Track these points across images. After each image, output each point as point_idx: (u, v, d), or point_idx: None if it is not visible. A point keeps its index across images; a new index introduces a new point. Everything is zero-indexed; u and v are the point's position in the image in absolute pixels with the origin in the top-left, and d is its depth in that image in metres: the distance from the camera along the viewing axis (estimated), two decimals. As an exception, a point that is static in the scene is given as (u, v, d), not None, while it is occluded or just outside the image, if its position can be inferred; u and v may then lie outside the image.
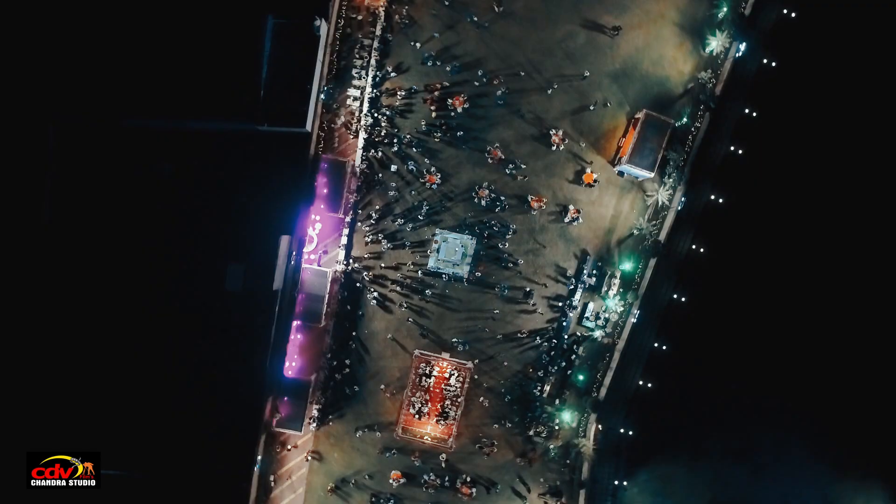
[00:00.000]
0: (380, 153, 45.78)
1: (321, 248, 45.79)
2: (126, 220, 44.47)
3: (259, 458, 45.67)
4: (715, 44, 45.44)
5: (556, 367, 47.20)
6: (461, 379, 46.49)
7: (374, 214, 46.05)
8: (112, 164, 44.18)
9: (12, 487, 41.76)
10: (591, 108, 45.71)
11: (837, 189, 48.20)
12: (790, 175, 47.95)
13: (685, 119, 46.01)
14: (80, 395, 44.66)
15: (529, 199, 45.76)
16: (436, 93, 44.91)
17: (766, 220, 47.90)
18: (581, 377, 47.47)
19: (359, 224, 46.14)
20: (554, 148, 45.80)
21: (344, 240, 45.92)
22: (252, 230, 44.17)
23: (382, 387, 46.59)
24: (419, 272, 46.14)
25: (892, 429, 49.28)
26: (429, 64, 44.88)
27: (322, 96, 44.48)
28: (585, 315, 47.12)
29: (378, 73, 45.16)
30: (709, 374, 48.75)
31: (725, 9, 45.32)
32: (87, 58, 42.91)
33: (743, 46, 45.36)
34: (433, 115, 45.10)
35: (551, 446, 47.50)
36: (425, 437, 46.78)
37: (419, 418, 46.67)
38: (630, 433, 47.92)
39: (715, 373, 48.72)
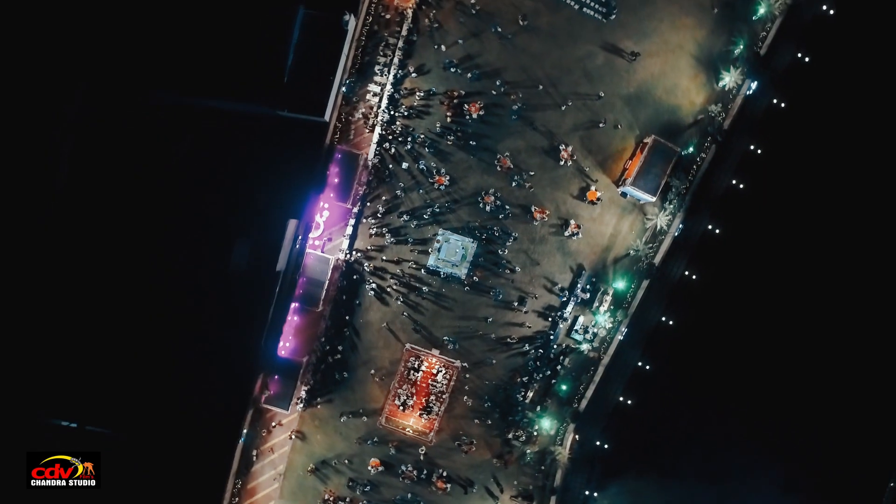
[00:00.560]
0: (393, 149, 47.05)
1: (326, 235, 47.06)
2: (140, 191, 45.48)
3: (245, 431, 46.91)
4: (728, 79, 46.77)
5: (541, 375, 48.52)
6: (448, 376, 47.81)
7: (381, 208, 47.32)
8: (133, 134, 45.21)
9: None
10: (602, 125, 47.00)
11: (831, 235, 49.64)
12: (787, 214, 49.41)
13: (692, 148, 47.35)
14: (80, 359, 45.71)
15: (533, 210, 47.06)
16: (454, 99, 46.15)
17: (759, 253, 49.32)
18: (564, 387, 48.81)
19: (365, 216, 47.38)
20: (562, 163, 47.11)
21: (349, 229, 47.18)
22: (262, 211, 45.38)
23: (373, 371, 47.79)
24: (419, 269, 47.42)
25: (862, 467, 50.79)
26: (450, 70, 46.15)
27: (343, 89, 45.74)
28: (575, 328, 48.45)
29: (400, 71, 46.42)
30: (689, 397, 50.22)
31: (742, 46, 46.70)
32: (124, 27, 43.99)
33: (755, 84, 46.76)
34: (448, 119, 46.37)
35: (528, 451, 48.81)
36: (407, 429, 48.10)
37: (403, 410, 47.99)
38: (606, 446, 49.34)
39: (695, 397, 50.19)
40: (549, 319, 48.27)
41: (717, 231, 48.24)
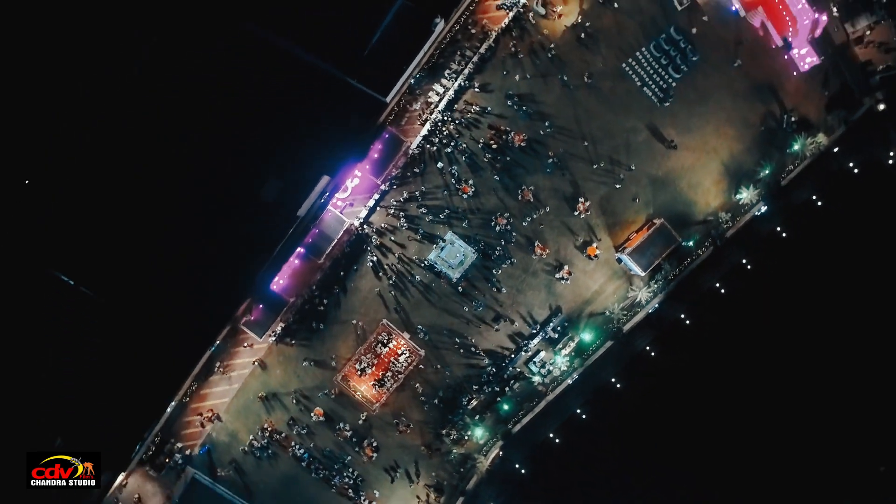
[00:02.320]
0: (435, 147, 50.94)
1: (350, 199, 51.02)
2: (206, 103, 49.29)
3: (217, 343, 50.92)
4: (745, 195, 50.94)
5: (489, 389, 52.72)
6: (409, 360, 51.97)
7: (405, 194, 51.25)
8: (214, 56, 49.04)
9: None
10: (618, 186, 50.83)
11: (782, 364, 54.38)
12: (753, 329, 53.87)
13: (692, 243, 51.56)
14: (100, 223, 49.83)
15: (535, 245, 51.19)
16: (501, 135, 49.96)
17: (716, 354, 53.75)
18: (506, 407, 53.04)
19: (389, 196, 51.30)
20: (577, 213, 51.22)
21: (371, 202, 51.11)
22: (303, 159, 49.38)
23: (354, 321, 51.45)
24: (418, 259, 51.44)
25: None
26: (507, 102, 49.99)
27: (412, 80, 49.60)
28: (534, 359, 52.62)
29: (465, 82, 50.25)
30: (612, 454, 54.88)
31: (767, 171, 50.95)
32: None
33: (766, 208, 50.97)
34: (491, 140, 50.27)
35: (455, 450, 53.04)
36: (358, 393, 52.26)
37: (360, 375, 52.11)
38: (523, 471, 53.66)
39: (617, 456, 54.87)
40: (515, 344, 52.46)
41: (688, 322, 52.50)
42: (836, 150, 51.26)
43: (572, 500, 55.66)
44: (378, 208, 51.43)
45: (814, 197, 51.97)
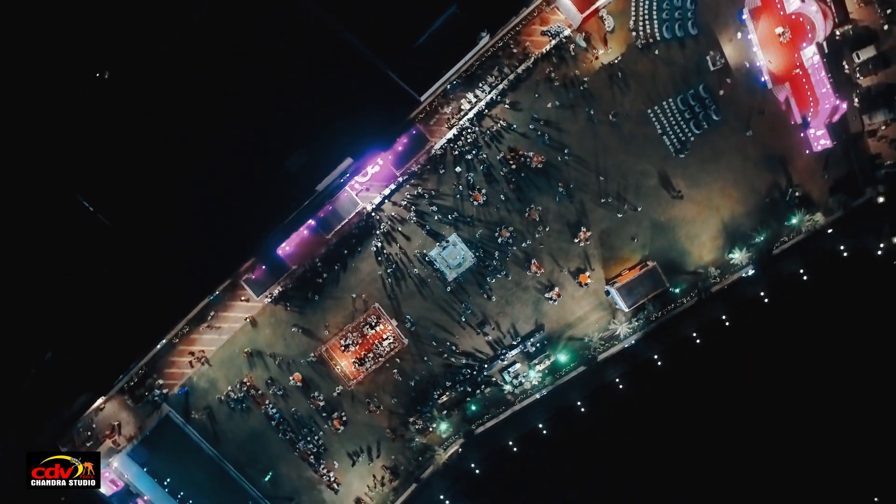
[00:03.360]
0: (456, 152, 53.29)
1: (367, 184, 53.33)
2: (250, 68, 51.85)
3: (216, 293, 53.29)
4: (737, 256, 53.49)
5: (461, 388, 55.26)
6: (392, 346, 54.46)
7: (419, 190, 53.66)
8: (272, 25, 51.43)
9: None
10: (620, 221, 53.19)
11: (746, 420, 57.11)
12: (719, 384, 56.46)
13: (678, 290, 54.12)
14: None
15: (532, 262, 53.67)
16: (519, 156, 52.40)
17: (679, 397, 56.53)
18: (474, 408, 55.59)
19: (404, 188, 53.69)
20: (576, 241, 53.70)
21: (387, 191, 53.46)
22: (331, 138, 51.79)
23: (354, 295, 53.91)
24: (420, 253, 53.85)
25: None
26: (531, 126, 52.39)
27: (448, 85, 51.94)
28: (509, 369, 55.19)
29: (497, 97, 52.60)
30: (565, 470, 57.56)
31: (762, 238, 53.50)
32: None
33: (753, 272, 53.50)
34: (510, 157, 52.66)
35: (417, 439, 55.59)
36: (337, 367, 54.73)
37: (343, 351, 54.57)
38: (477, 472, 56.25)
39: (570, 472, 57.70)
40: (494, 351, 55.01)
41: (659, 364, 55.05)
42: (830, 231, 53.82)
43: (518, 507, 58.38)
44: (392, 198, 53.75)
45: (801, 271, 54.53)
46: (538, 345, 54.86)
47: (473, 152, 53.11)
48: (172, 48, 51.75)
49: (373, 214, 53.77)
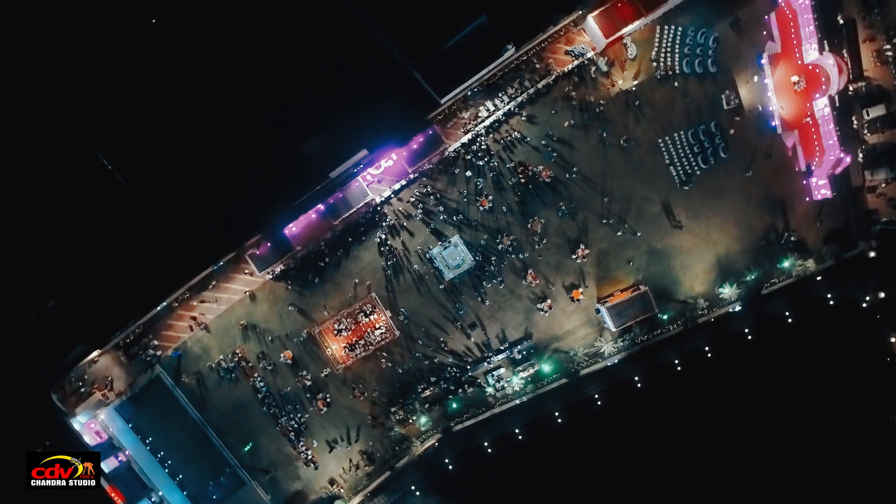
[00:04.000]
0: (469, 156, 54.76)
1: (379, 177, 54.76)
2: (277, 49, 53.39)
3: (220, 263, 54.77)
4: (727, 291, 55.06)
5: (445, 385, 56.81)
6: (383, 336, 55.98)
7: (428, 188, 55.12)
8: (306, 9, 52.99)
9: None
10: (619, 242, 54.69)
11: (716, 451, 58.64)
12: (693, 413, 58.05)
13: (666, 317, 55.69)
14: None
15: (528, 272, 55.21)
16: (528, 169, 53.90)
17: (656, 419, 58.10)
18: (455, 406, 57.17)
19: (415, 186, 55.15)
20: (574, 256, 55.23)
21: (397, 186, 54.95)
22: (350, 128, 53.31)
23: (356, 281, 55.40)
24: (421, 250, 55.34)
25: None
26: (542, 141, 53.85)
27: (469, 91, 53.40)
28: (493, 373, 56.73)
29: (515, 109, 54.08)
30: (534, 477, 59.27)
31: (752, 277, 55.02)
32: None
33: (740, 308, 55.06)
34: (519, 168, 54.16)
35: (396, 429, 57.16)
36: (328, 350, 56.25)
37: (335, 335, 56.07)
38: (451, 467, 57.87)
39: (539, 479, 59.36)
40: (481, 354, 56.58)
41: (639, 385, 56.64)
42: (819, 278, 55.41)
43: (483, 504, 60.07)
44: (401, 193, 55.22)
45: (787, 313, 56.10)
46: (524, 353, 56.41)
47: (485, 159, 54.58)
48: (213, 19, 53.14)
49: (381, 207, 55.21)
